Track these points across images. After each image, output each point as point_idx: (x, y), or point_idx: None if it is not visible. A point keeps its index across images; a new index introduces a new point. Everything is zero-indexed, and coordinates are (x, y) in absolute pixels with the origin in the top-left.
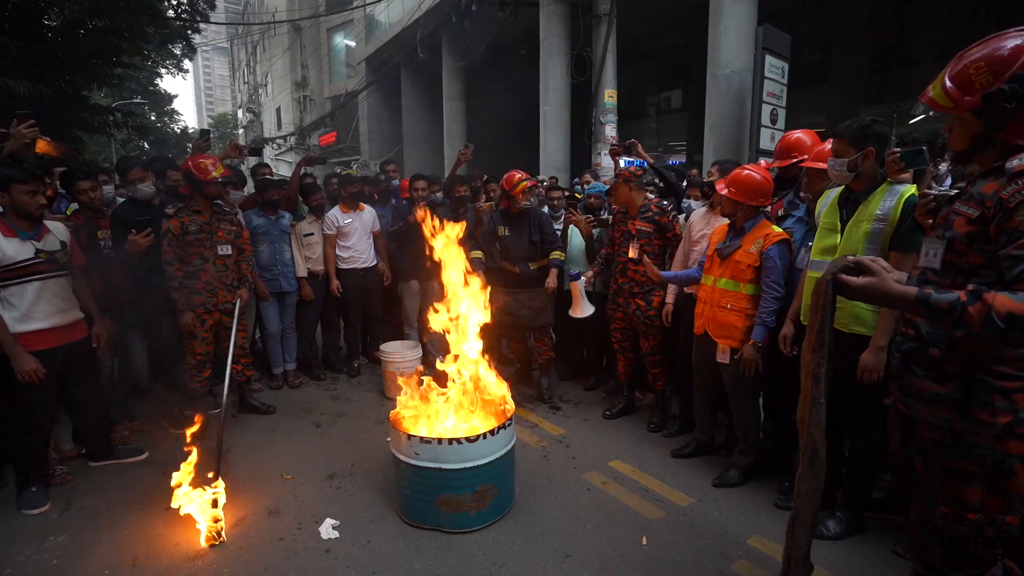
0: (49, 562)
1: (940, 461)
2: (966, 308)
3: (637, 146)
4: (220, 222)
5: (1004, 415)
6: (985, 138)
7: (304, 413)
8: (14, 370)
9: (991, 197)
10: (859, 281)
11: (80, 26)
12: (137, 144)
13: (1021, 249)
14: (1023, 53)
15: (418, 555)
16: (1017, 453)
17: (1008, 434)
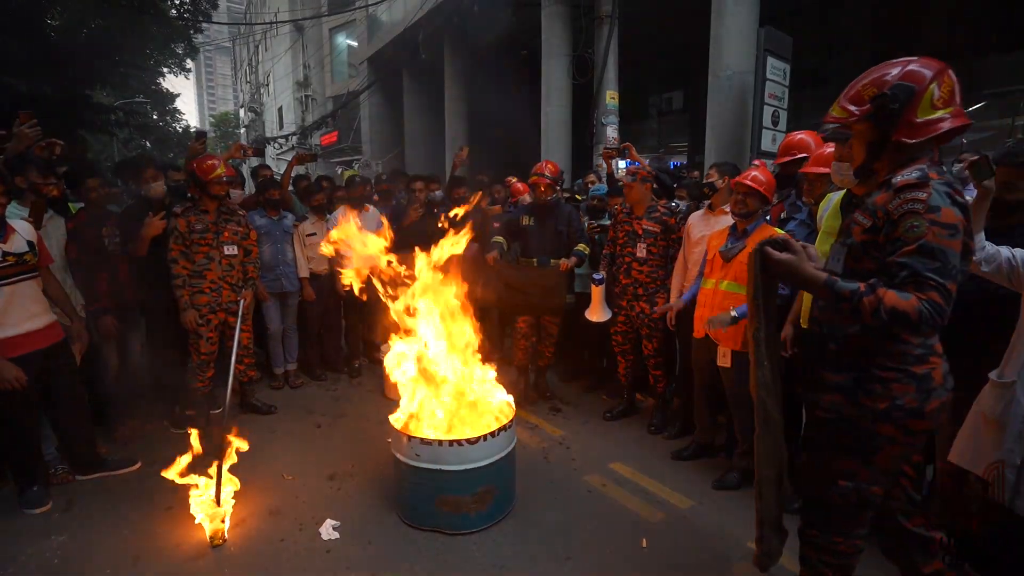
0: (51, 561)
1: (826, 436)
2: (862, 298)
3: (631, 149)
4: (227, 223)
5: (882, 401)
6: (880, 143)
7: (305, 413)
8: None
9: (881, 208)
10: (780, 256)
11: (83, 25)
12: (139, 143)
13: (904, 256)
14: (900, 69)
15: (419, 556)
16: (887, 434)
17: (884, 418)
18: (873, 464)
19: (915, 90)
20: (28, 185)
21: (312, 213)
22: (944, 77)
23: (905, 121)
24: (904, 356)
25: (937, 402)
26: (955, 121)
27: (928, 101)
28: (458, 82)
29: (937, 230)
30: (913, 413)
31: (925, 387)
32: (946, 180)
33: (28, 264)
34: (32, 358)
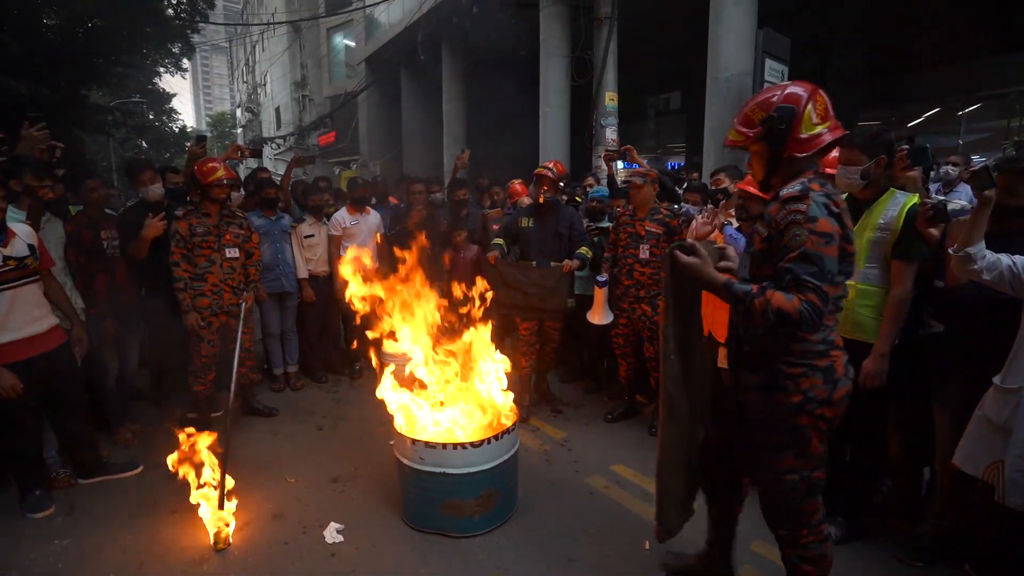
0: (54, 565)
1: (761, 438)
2: (753, 300)
3: (632, 151)
4: (228, 225)
5: (795, 395)
6: (774, 159)
7: (306, 415)
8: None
9: (772, 219)
10: (686, 259)
11: (79, 25)
12: (135, 143)
13: (789, 262)
14: (781, 92)
15: (423, 560)
16: (808, 424)
17: (799, 411)
18: (808, 454)
19: (796, 110)
20: (24, 188)
21: (310, 214)
22: (817, 96)
23: (792, 138)
24: (806, 352)
25: (843, 390)
26: (833, 133)
27: (808, 119)
28: (456, 83)
29: (815, 239)
30: (824, 403)
31: (831, 378)
32: (825, 192)
33: (29, 268)
34: (34, 362)
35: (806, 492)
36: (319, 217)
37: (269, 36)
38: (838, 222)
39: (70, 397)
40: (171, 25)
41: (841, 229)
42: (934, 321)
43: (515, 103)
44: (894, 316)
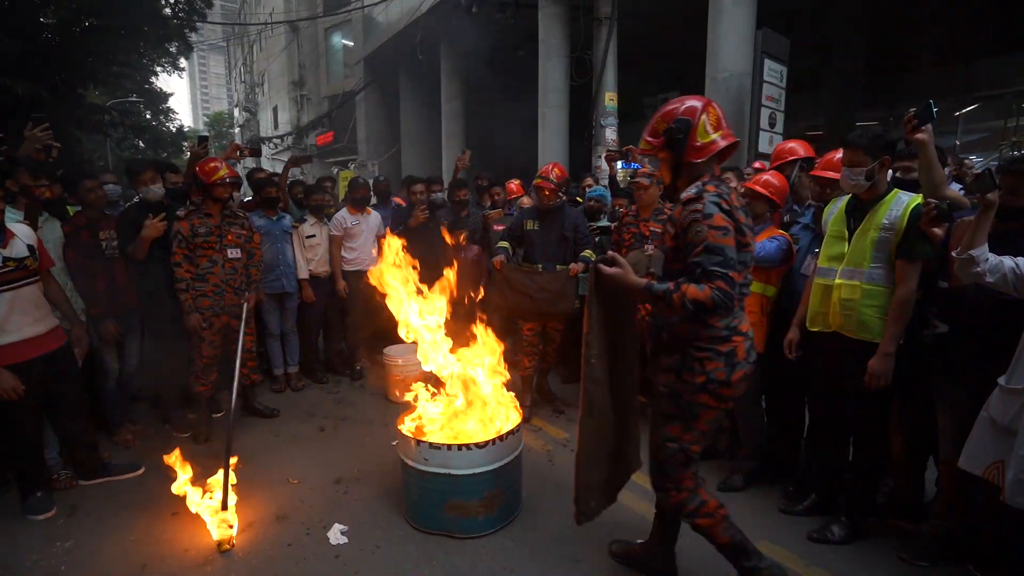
0: (57, 568)
1: (660, 408)
2: (671, 295)
3: (633, 152)
4: (230, 226)
5: (700, 376)
6: (677, 165)
7: (308, 416)
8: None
9: (676, 220)
10: (609, 270)
11: (76, 24)
12: (132, 143)
13: (696, 256)
14: (679, 106)
15: (427, 561)
16: (704, 403)
17: (701, 390)
18: (693, 428)
19: (691, 121)
20: (19, 188)
21: (311, 214)
22: (710, 108)
23: (690, 145)
24: (712, 339)
25: (741, 372)
26: (725, 140)
27: (703, 128)
28: (455, 82)
29: (714, 232)
30: (723, 383)
31: (731, 362)
32: (718, 192)
33: (29, 269)
34: (35, 363)
35: (684, 460)
36: (320, 217)
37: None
38: (730, 217)
39: (71, 398)
40: (169, 24)
41: (734, 223)
42: (938, 321)
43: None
44: (899, 316)
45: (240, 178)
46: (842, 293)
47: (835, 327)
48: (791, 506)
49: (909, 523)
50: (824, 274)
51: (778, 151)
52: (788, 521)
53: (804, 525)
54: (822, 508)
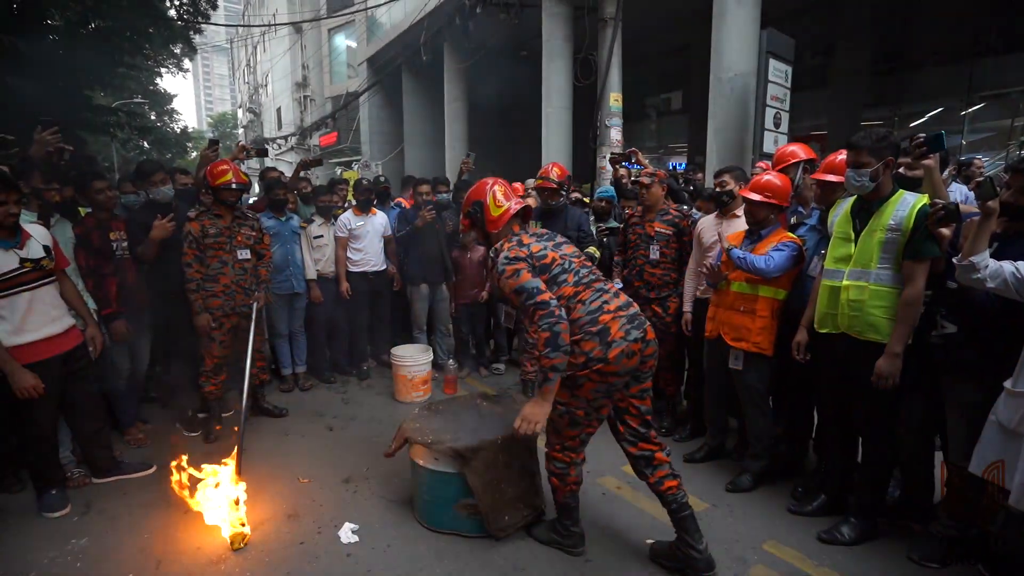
0: (72, 565)
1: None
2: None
3: (637, 154)
4: (240, 227)
5: (580, 358)
6: (485, 234)
7: (316, 416)
8: (11, 387)
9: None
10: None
11: (82, 26)
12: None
13: (516, 301)
14: (472, 191)
15: (438, 560)
16: (584, 375)
17: (583, 368)
18: (577, 396)
19: (483, 201)
20: (31, 190)
21: (319, 215)
22: (495, 185)
23: (488, 219)
24: (581, 326)
25: (617, 350)
26: (516, 206)
27: (493, 202)
28: (458, 83)
29: (510, 281)
30: (601, 360)
31: (605, 339)
32: (509, 246)
33: (46, 269)
34: (53, 362)
35: (569, 422)
36: (328, 218)
37: (270, 37)
38: (516, 260)
39: (87, 397)
40: (173, 26)
41: (525, 261)
42: (946, 322)
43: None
44: (907, 316)
45: (249, 184)
46: (850, 294)
47: (843, 328)
48: (800, 507)
49: (919, 524)
50: (831, 275)
51: (779, 155)
52: (797, 521)
53: (813, 525)
54: (831, 509)
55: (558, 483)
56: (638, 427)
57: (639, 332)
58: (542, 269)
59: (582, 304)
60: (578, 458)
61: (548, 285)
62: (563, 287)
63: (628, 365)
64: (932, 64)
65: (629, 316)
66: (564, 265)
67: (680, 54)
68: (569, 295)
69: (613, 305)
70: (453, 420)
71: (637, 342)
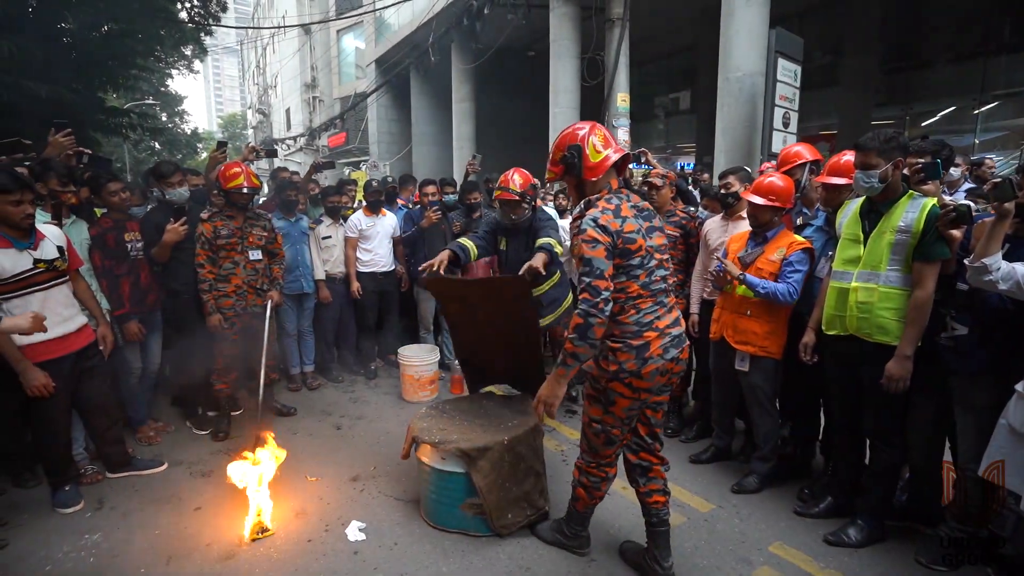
0: (86, 560)
1: (587, 390)
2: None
3: (647, 154)
4: (252, 228)
5: (612, 365)
6: (579, 184)
7: (324, 415)
8: (23, 385)
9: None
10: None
11: (95, 29)
12: (148, 145)
13: (579, 266)
14: (568, 135)
15: (444, 558)
16: (617, 390)
17: (614, 377)
18: (612, 412)
19: (580, 146)
20: (48, 192)
21: (327, 216)
22: (595, 130)
23: (585, 167)
24: (624, 334)
25: (652, 367)
26: (616, 153)
27: (592, 149)
28: (465, 84)
29: (584, 245)
30: (634, 374)
31: (642, 355)
32: (600, 209)
33: (59, 270)
34: (65, 360)
35: (606, 441)
36: (337, 219)
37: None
38: (603, 231)
39: (100, 394)
40: (185, 29)
41: (608, 236)
42: (957, 324)
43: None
44: (917, 318)
45: (260, 188)
46: (859, 296)
47: (852, 330)
48: (807, 508)
49: (927, 527)
50: (840, 277)
51: (784, 156)
52: (804, 523)
53: (820, 528)
54: (838, 511)
55: (584, 495)
56: (645, 436)
57: (677, 352)
58: (623, 253)
59: (636, 312)
60: (612, 472)
61: (617, 273)
62: (631, 283)
63: (661, 382)
64: (944, 62)
65: (673, 336)
66: (644, 260)
67: (688, 53)
68: (632, 295)
69: (663, 323)
70: (460, 420)
71: (673, 362)
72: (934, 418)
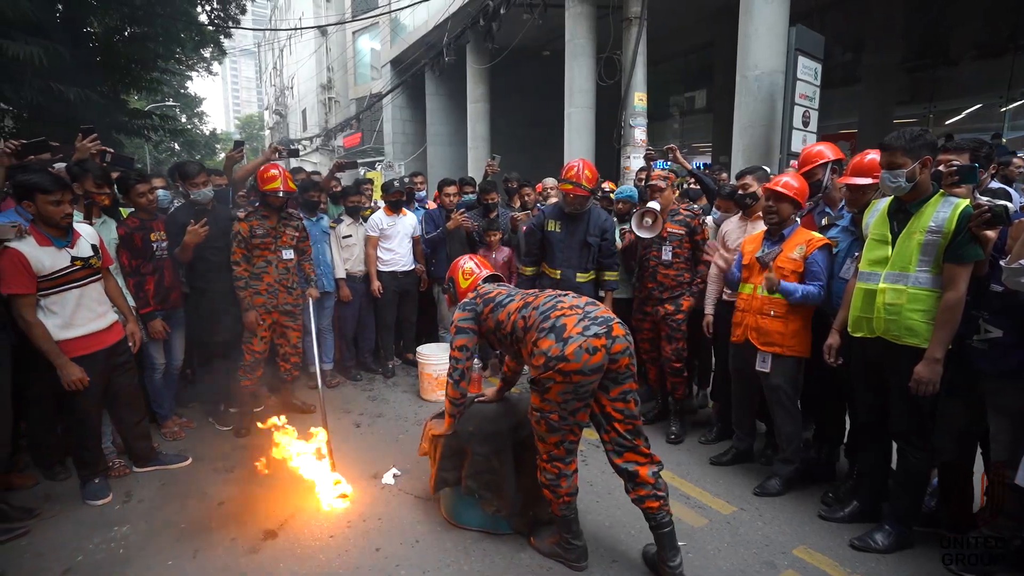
0: (116, 551)
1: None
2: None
3: (675, 151)
4: (285, 227)
5: (539, 357)
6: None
7: (343, 413)
8: (60, 379)
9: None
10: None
11: (119, 32)
12: (168, 146)
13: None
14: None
15: (466, 556)
16: (550, 377)
17: (545, 369)
18: (547, 399)
19: (453, 278)
20: (83, 192)
21: (347, 215)
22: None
23: (458, 291)
24: (534, 325)
25: (575, 345)
26: (486, 271)
27: (460, 277)
28: (480, 84)
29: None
30: (559, 358)
31: (561, 336)
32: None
33: (94, 267)
34: (98, 356)
35: (547, 428)
36: (357, 218)
37: (296, 40)
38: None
39: (129, 389)
40: (205, 31)
41: (473, 312)
42: (990, 326)
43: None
44: (948, 320)
45: (295, 191)
46: (887, 298)
47: (879, 332)
48: (832, 513)
49: (957, 533)
50: (867, 278)
51: (805, 156)
52: (828, 527)
53: (845, 532)
54: (864, 516)
55: (550, 495)
56: (624, 432)
57: (600, 327)
58: (486, 303)
59: (535, 309)
60: (567, 469)
61: (493, 308)
62: (509, 305)
63: (592, 363)
64: (969, 58)
65: (586, 312)
66: (510, 292)
67: (705, 52)
68: (518, 307)
69: (567, 303)
70: (477, 416)
71: (599, 337)
72: (964, 422)
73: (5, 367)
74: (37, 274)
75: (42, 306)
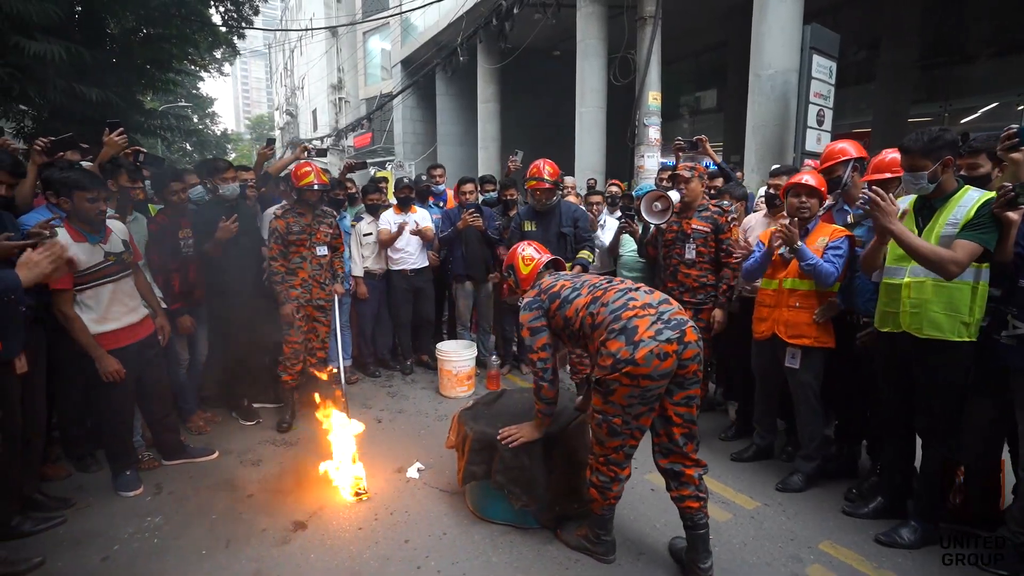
0: (151, 540)
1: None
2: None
3: (705, 142)
4: (320, 224)
5: (607, 359)
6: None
7: (364, 409)
8: (98, 371)
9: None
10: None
11: (135, 33)
12: (181, 146)
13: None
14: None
15: (494, 549)
16: (616, 379)
17: (611, 371)
18: (611, 402)
19: (513, 264)
20: (118, 188)
21: (367, 213)
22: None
23: (520, 278)
24: (603, 325)
25: (646, 350)
26: (545, 256)
27: (520, 264)
28: (491, 84)
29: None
30: (628, 362)
31: (631, 339)
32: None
33: (126, 263)
34: (131, 349)
35: (608, 432)
36: (377, 216)
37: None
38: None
39: (158, 383)
40: (218, 33)
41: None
42: (1019, 323)
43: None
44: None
45: (329, 185)
46: (911, 292)
47: (904, 327)
48: (856, 508)
49: (984, 530)
50: (892, 273)
51: (828, 152)
52: (852, 523)
53: (869, 528)
54: (888, 512)
55: (597, 496)
56: (679, 437)
57: (673, 332)
58: (551, 299)
59: (605, 306)
60: (622, 473)
61: (560, 305)
62: (576, 300)
63: (662, 368)
64: (986, 56)
65: (660, 313)
66: (575, 284)
67: (717, 51)
68: (586, 303)
69: (640, 301)
70: (506, 413)
71: (671, 343)
72: (992, 418)
73: (40, 362)
74: (73, 270)
75: (78, 301)
